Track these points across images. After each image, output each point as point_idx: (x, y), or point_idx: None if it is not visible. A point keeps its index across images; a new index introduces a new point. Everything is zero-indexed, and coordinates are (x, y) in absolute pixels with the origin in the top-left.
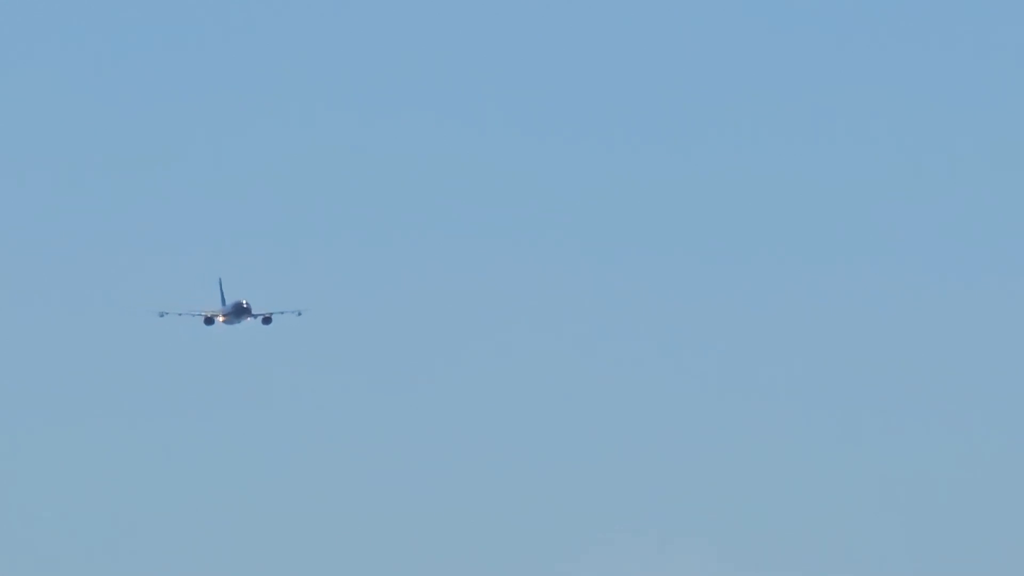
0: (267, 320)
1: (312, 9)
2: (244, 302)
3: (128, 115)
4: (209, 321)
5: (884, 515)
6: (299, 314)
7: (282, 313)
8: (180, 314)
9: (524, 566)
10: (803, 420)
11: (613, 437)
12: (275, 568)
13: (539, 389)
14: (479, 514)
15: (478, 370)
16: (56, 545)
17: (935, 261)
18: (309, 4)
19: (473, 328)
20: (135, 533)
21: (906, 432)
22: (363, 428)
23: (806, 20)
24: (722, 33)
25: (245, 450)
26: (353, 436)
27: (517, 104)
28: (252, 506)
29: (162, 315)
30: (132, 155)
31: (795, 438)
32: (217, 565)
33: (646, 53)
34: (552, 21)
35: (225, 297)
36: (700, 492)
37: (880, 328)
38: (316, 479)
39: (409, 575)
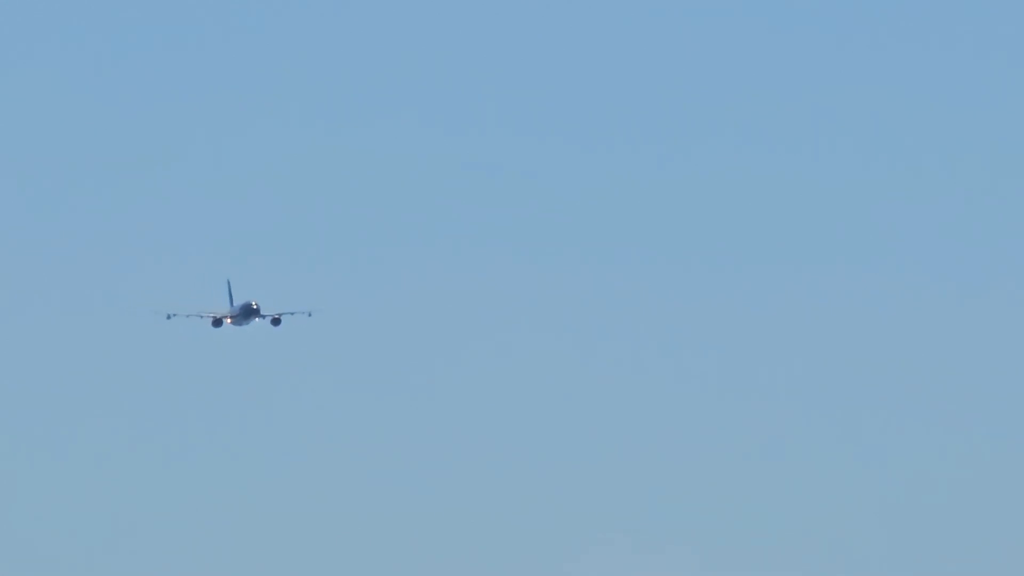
0: (276, 321)
1: (323, 10)
2: (253, 303)
3: (134, 116)
4: (217, 323)
5: (884, 521)
6: (309, 315)
7: (292, 314)
8: (188, 316)
9: (525, 569)
10: (803, 425)
11: (617, 441)
12: (283, 568)
13: (545, 390)
14: (487, 517)
15: (486, 372)
16: (66, 547)
17: (936, 265)
18: (319, 6)
19: (482, 330)
20: (144, 537)
21: (906, 439)
22: (372, 430)
23: (805, 25)
24: (721, 37)
25: (255, 452)
26: (363, 438)
27: (524, 105)
28: (263, 508)
29: (170, 317)
30: (138, 156)
31: (795, 443)
32: (227, 566)
33: (645, 56)
34: (555, 24)
35: (233, 298)
36: (699, 498)
37: (880, 333)
38: (325, 481)
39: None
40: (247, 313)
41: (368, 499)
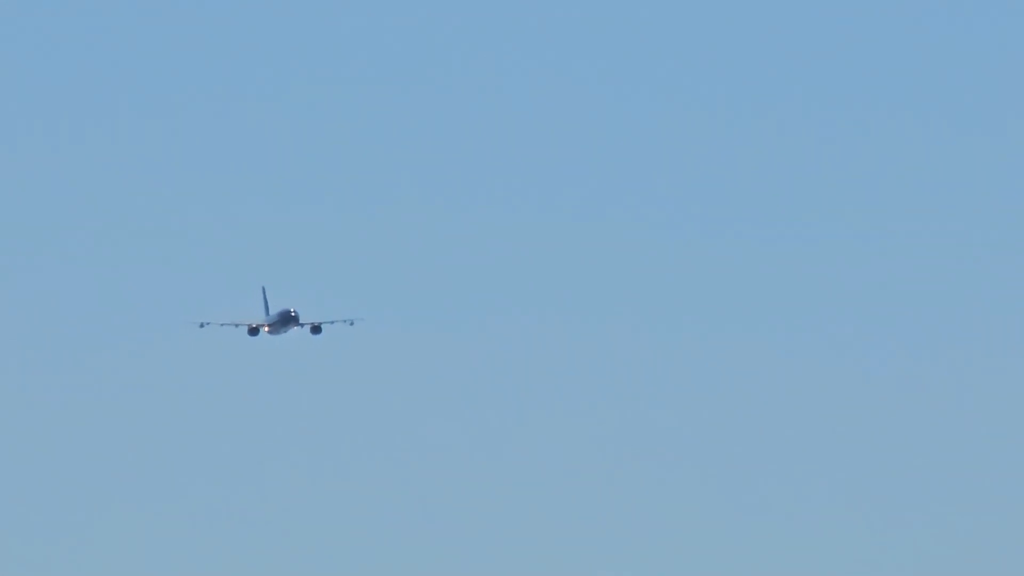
0: (316, 330)
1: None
2: (291, 310)
3: (161, 117)
4: (254, 332)
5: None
6: (351, 324)
7: (332, 323)
8: (222, 324)
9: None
10: (805, 440)
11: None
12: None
13: (584, 399)
14: (521, 526)
15: (526, 379)
16: (100, 555)
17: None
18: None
19: (524, 336)
20: (179, 547)
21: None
22: (417, 442)
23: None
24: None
25: (294, 467)
26: (408, 451)
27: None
28: (299, 521)
29: (203, 326)
30: (170, 159)
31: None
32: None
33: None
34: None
35: (269, 306)
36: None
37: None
38: (363, 493)
39: None
40: (285, 321)
41: (408, 510)
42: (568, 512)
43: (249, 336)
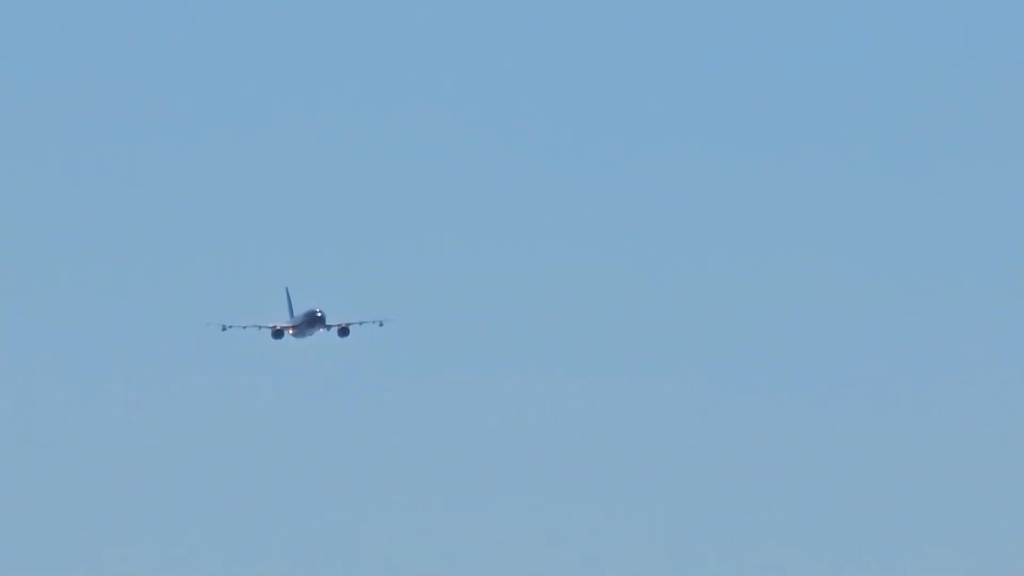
0: (344, 332)
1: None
2: (318, 311)
3: (188, 120)
4: (278, 334)
5: None
6: (380, 324)
7: (360, 324)
8: (245, 327)
9: None
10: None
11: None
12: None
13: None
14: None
15: (563, 380)
16: (128, 558)
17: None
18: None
19: (560, 340)
20: (202, 550)
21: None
22: (449, 448)
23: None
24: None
25: (323, 472)
26: (440, 456)
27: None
28: (326, 528)
29: (225, 328)
30: (192, 162)
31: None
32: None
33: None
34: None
35: (293, 308)
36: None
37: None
38: (398, 501)
39: None
40: (311, 322)
41: (437, 513)
42: (593, 516)
43: (273, 339)
